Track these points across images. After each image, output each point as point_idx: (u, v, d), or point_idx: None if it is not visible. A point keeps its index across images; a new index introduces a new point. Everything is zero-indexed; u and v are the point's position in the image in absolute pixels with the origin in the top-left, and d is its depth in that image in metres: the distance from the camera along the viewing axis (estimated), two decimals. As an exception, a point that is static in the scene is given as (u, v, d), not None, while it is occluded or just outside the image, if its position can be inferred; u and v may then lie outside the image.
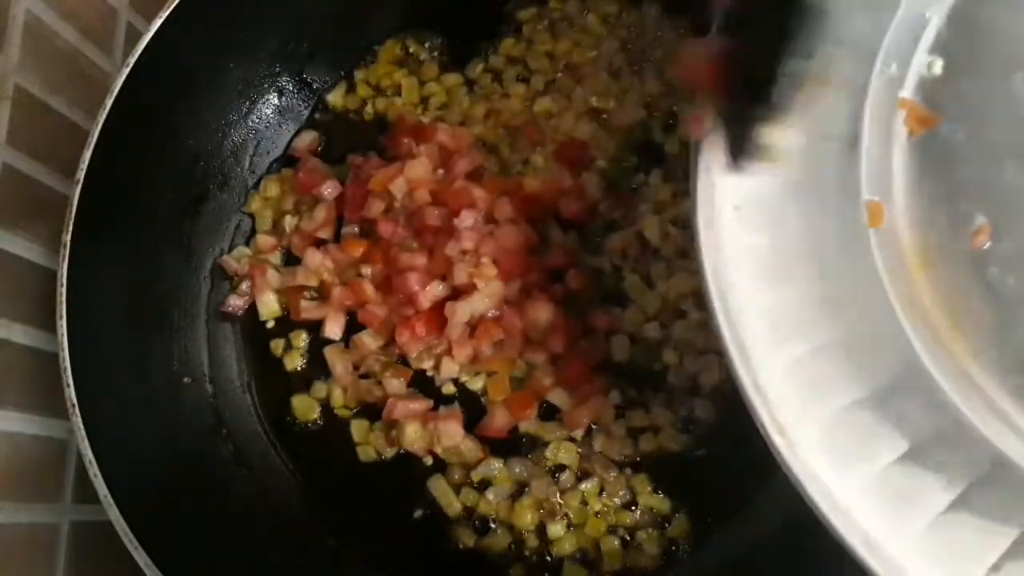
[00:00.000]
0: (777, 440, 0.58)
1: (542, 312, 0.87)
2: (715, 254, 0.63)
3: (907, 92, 0.67)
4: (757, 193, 0.65)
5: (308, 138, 1.00)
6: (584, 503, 0.84)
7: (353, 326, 0.91)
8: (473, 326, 0.88)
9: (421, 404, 0.87)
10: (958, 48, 0.66)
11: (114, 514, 0.73)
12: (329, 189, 0.95)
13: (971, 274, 0.63)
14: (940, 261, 0.64)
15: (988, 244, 0.63)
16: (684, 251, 0.89)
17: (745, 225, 0.64)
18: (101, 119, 0.81)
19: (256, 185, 0.99)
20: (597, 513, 0.84)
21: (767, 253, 0.64)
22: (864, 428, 0.61)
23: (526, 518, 0.84)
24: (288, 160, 1.00)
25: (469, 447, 0.86)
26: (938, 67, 0.67)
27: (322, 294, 0.93)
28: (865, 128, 0.66)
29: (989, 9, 0.66)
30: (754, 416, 0.59)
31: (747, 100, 0.59)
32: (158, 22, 0.83)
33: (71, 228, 0.79)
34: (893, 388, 0.61)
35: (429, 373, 0.90)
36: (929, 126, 0.66)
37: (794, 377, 0.61)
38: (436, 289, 0.88)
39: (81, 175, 0.80)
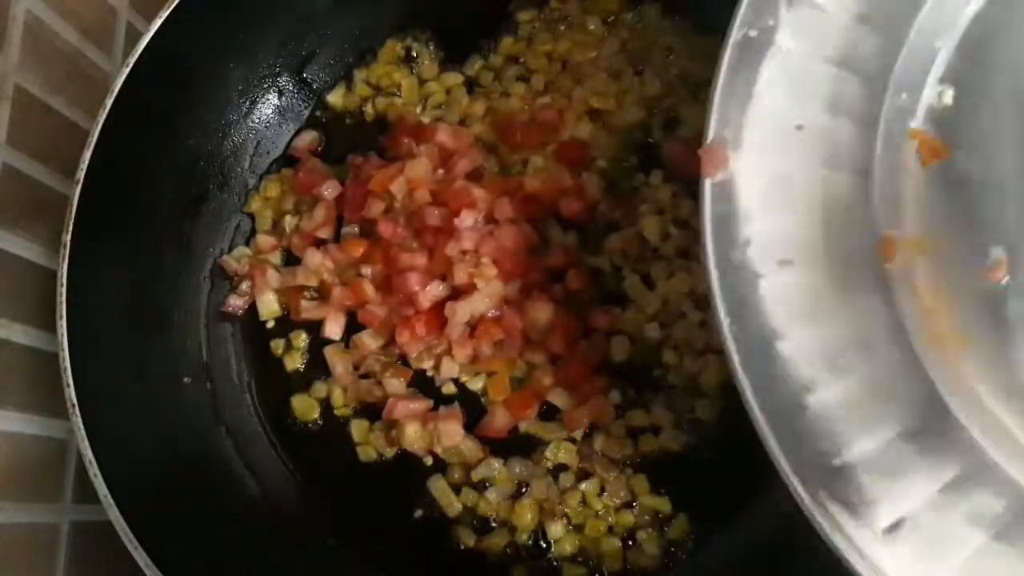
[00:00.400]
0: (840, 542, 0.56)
1: (542, 312, 0.87)
2: (732, 299, 0.60)
3: (918, 122, 0.65)
4: (768, 231, 0.62)
5: (308, 138, 1.00)
6: (584, 503, 0.84)
7: (353, 326, 0.91)
8: (473, 326, 0.88)
9: (421, 404, 0.87)
10: (969, 77, 0.65)
11: (114, 514, 0.73)
12: (329, 189, 0.95)
13: (990, 310, 0.60)
14: (957, 296, 0.61)
15: (1006, 278, 0.60)
16: (684, 251, 0.89)
17: (760, 266, 0.61)
18: (101, 119, 0.81)
19: (256, 185, 0.99)
20: (597, 513, 0.84)
21: (786, 294, 0.61)
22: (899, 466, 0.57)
23: (526, 518, 0.84)
24: (288, 160, 1.00)
25: (469, 447, 0.86)
26: (948, 97, 0.65)
27: (322, 294, 0.93)
28: (877, 159, 0.64)
29: (999, 38, 0.65)
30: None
31: None
32: (158, 22, 0.83)
33: (71, 228, 0.79)
34: (919, 431, 0.58)
35: (429, 373, 0.90)
36: (941, 157, 0.64)
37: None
38: (436, 289, 0.88)
39: (81, 175, 0.80)
